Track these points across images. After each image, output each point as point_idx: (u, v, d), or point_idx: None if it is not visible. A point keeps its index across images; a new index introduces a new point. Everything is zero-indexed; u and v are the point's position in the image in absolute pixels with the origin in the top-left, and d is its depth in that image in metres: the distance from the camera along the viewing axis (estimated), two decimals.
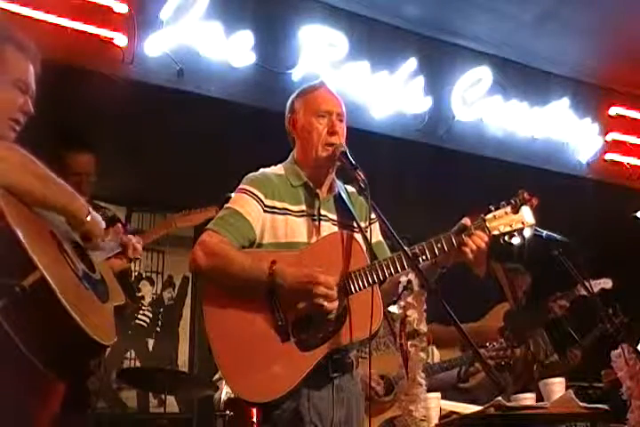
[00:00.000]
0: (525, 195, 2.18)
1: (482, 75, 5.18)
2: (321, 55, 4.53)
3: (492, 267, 3.98)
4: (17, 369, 1.51)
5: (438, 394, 2.41)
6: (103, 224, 1.86)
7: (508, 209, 2.19)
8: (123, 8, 3.90)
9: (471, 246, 2.12)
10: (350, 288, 2.11)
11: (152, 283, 5.14)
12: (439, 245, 2.13)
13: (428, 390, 2.06)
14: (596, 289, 3.70)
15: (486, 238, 2.15)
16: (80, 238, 1.80)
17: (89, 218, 1.75)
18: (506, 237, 2.20)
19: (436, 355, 3.57)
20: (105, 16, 3.85)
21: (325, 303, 2.03)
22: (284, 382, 2.05)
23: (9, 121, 1.74)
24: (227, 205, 2.24)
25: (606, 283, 3.78)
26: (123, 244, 2.06)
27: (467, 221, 2.17)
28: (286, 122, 2.40)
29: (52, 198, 1.68)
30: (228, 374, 2.12)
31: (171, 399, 4.74)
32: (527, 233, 2.24)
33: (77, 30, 3.77)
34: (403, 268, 2.10)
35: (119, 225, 2.21)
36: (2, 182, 1.55)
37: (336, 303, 2.06)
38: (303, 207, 2.27)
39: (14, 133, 1.76)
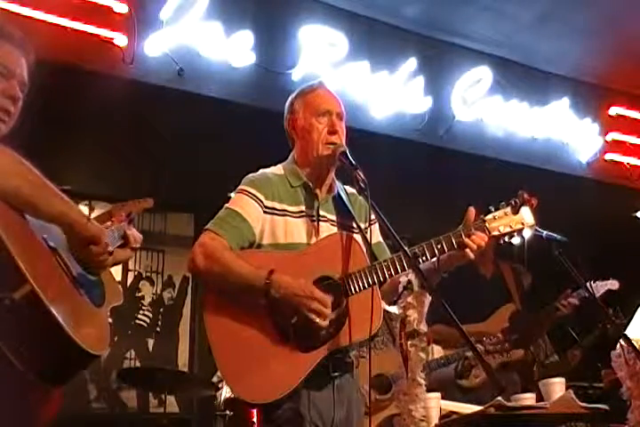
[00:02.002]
0: (525, 195, 2.18)
1: (482, 75, 5.19)
2: (321, 55, 4.53)
3: (500, 267, 3.98)
4: (11, 380, 1.49)
5: (438, 394, 2.40)
6: (106, 231, 1.82)
7: (508, 210, 2.19)
8: (123, 8, 3.91)
9: (472, 247, 2.12)
10: (350, 289, 2.11)
11: (152, 283, 5.13)
12: (439, 246, 2.13)
13: (427, 388, 2.06)
14: (602, 290, 3.69)
15: (486, 239, 2.15)
16: (80, 247, 1.69)
17: (89, 224, 1.67)
18: (506, 238, 2.20)
19: (437, 354, 3.57)
20: (105, 16, 3.86)
21: (318, 320, 2.03)
22: (285, 382, 2.05)
23: None
24: (226, 206, 2.24)
25: (613, 284, 3.77)
26: (125, 235, 2.01)
27: (471, 212, 2.17)
28: (285, 122, 2.40)
29: (43, 205, 1.60)
30: (228, 376, 2.12)
31: (171, 399, 4.73)
32: (527, 234, 2.24)
33: (77, 30, 3.78)
34: (403, 269, 2.10)
35: (122, 214, 2.15)
36: None
37: (327, 322, 2.06)
38: (302, 208, 2.27)
39: (4, 125, 1.68)
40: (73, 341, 1.50)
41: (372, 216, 2.32)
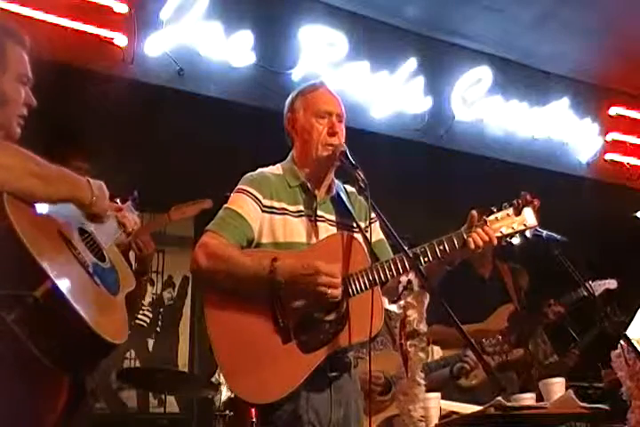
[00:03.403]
0: (528, 197, 2.19)
1: (482, 75, 5.19)
2: (321, 55, 4.53)
3: (498, 267, 3.98)
4: (30, 375, 1.54)
5: (438, 394, 2.40)
6: (107, 193, 1.85)
7: (510, 211, 2.19)
8: (123, 8, 3.91)
9: (477, 241, 2.12)
10: (351, 290, 2.11)
11: (152, 283, 5.12)
12: (441, 247, 2.13)
13: (426, 388, 2.06)
14: (600, 289, 3.69)
15: (492, 234, 2.14)
16: (89, 217, 1.81)
17: (94, 198, 1.74)
18: (507, 239, 2.20)
19: (437, 354, 3.57)
20: (105, 16, 3.85)
21: (329, 291, 2.01)
22: (285, 383, 2.04)
23: (17, 118, 1.77)
24: (225, 206, 2.24)
25: (611, 284, 3.78)
26: (121, 222, 2.06)
27: (474, 216, 2.17)
28: (285, 121, 2.40)
29: (55, 195, 1.68)
30: (229, 375, 2.12)
31: (171, 399, 4.74)
32: (528, 235, 2.24)
33: (77, 30, 3.77)
34: (404, 269, 2.10)
35: (117, 201, 2.19)
36: (6, 189, 1.56)
37: (339, 291, 2.04)
38: (301, 208, 2.27)
39: (19, 129, 1.78)
40: (94, 332, 1.55)
41: (373, 215, 2.32)
